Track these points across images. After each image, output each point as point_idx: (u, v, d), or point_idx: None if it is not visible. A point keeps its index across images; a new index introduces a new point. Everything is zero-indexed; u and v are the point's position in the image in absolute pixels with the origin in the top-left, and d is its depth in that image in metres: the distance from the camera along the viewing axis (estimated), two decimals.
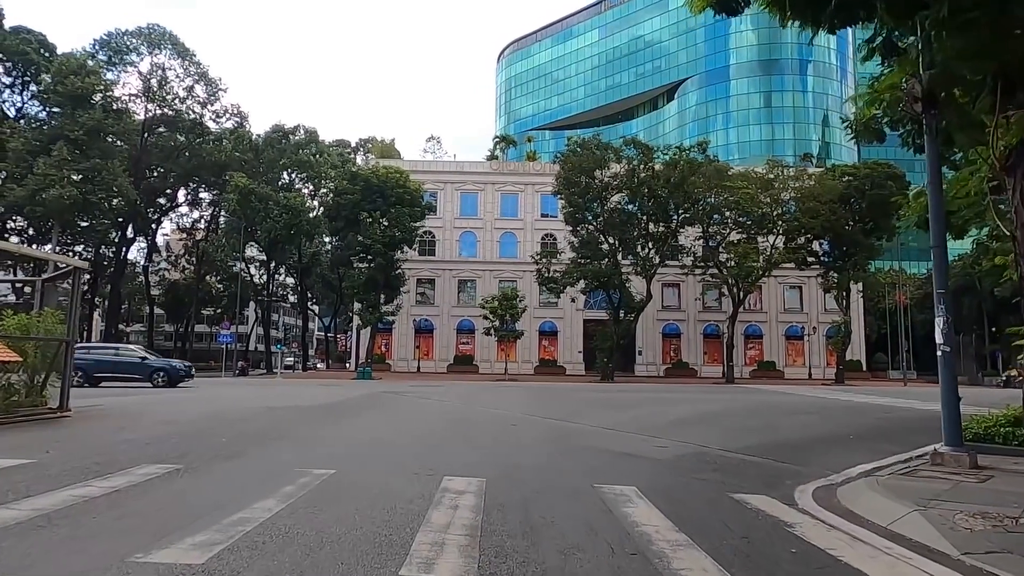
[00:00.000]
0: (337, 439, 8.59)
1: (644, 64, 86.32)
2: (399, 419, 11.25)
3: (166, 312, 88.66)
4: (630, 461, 7.27)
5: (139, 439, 7.74)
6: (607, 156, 43.10)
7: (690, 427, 11.26)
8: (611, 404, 16.48)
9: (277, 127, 55.17)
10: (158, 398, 15.51)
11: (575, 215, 43.39)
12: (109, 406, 12.83)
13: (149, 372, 22.60)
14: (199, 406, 12.80)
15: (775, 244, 45.93)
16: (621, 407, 15.50)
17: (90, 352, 23.28)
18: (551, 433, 9.79)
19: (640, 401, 18.16)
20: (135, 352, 24.72)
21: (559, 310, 55.77)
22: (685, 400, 18.94)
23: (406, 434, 9.45)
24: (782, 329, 57.82)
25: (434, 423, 11.05)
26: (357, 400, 15.97)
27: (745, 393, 25.39)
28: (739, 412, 14.90)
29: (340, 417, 11.15)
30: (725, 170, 44.04)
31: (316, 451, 7.36)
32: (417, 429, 10.06)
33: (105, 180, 47.88)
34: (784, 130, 75.48)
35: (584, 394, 22.04)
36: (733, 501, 5.20)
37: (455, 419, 11.42)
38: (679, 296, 57.50)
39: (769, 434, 10.46)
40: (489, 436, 9.20)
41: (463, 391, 22.48)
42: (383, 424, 10.70)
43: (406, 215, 42.83)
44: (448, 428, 10.23)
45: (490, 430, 9.90)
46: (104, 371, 22.17)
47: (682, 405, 16.61)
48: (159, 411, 11.82)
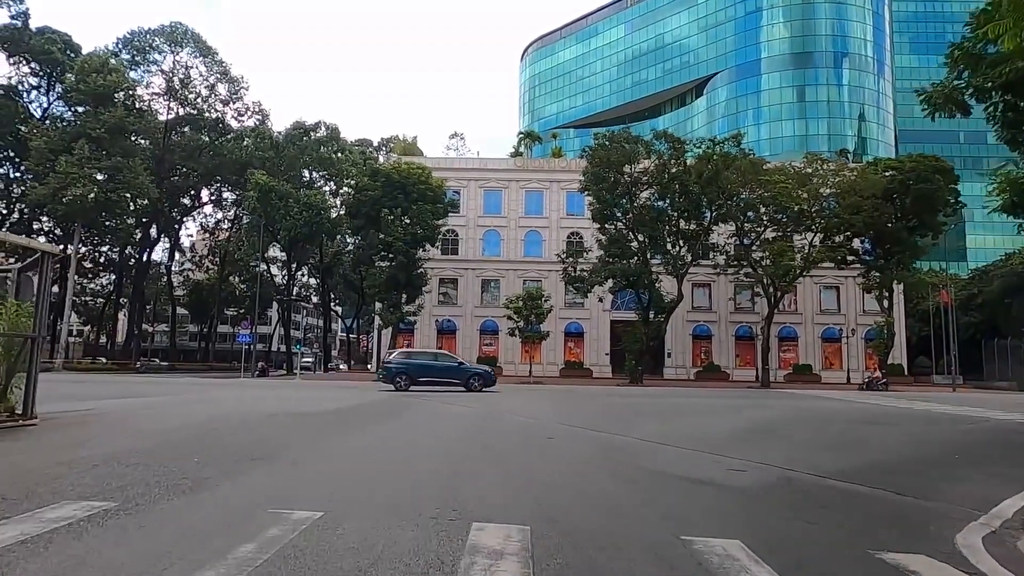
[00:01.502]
0: (338, 458, 7.19)
1: (671, 59, 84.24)
2: (416, 430, 9.75)
3: (190, 312, 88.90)
4: (709, 493, 5.72)
5: (92, 458, 6.33)
6: (637, 150, 41.38)
7: (756, 442, 9.65)
8: (652, 412, 14.87)
9: (298, 124, 54.45)
10: (158, 404, 14.29)
11: (603, 212, 41.74)
12: (101, 411, 11.63)
13: (467, 377, 23.57)
14: (195, 413, 11.50)
15: (812, 242, 43.74)
16: (665, 415, 13.91)
17: (412, 358, 25.22)
18: (596, 449, 8.27)
19: (683, 408, 16.50)
20: (453, 358, 26.53)
21: (585, 311, 54.10)
22: (731, 407, 17.25)
23: (423, 451, 7.89)
24: (818, 331, 55.42)
25: (456, 436, 9.43)
26: (371, 406, 14.58)
27: (791, 399, 23.52)
28: (800, 422, 13.21)
29: (348, 427, 9.76)
30: (761, 164, 41.99)
31: (307, 478, 5.94)
32: (436, 444, 8.55)
33: (127, 179, 47.55)
34: (818, 125, 72.82)
35: (617, 399, 20.44)
36: (886, 566, 3.64)
37: (481, 430, 9.93)
38: (710, 296, 55.44)
39: (854, 452, 8.80)
40: (523, 454, 7.70)
41: (479, 396, 21.03)
42: (397, 437, 9.25)
43: (428, 212, 41.60)
44: (473, 443, 8.72)
45: (523, 445, 8.40)
46: (426, 375, 23.46)
47: (730, 413, 14.95)
48: (146, 420, 10.52)
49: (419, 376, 23.29)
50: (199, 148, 59.41)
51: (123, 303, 72.32)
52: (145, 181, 48.56)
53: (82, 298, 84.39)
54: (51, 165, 46.05)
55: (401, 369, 23.24)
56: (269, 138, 53.40)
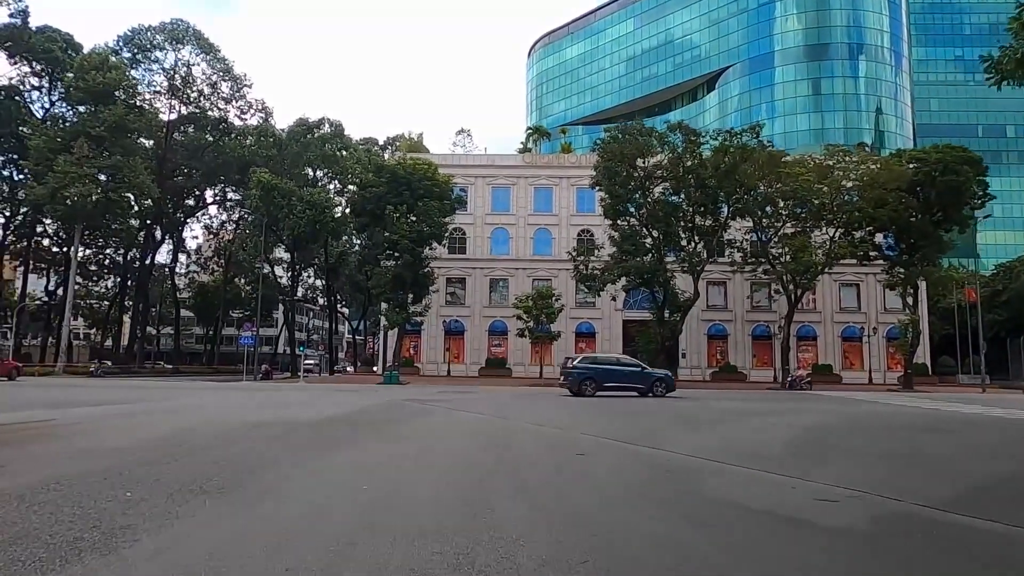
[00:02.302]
0: (318, 489, 5.51)
1: (682, 54, 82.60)
2: (419, 444, 8.25)
3: (196, 315, 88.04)
4: (811, 539, 4.20)
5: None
6: (650, 143, 39.92)
7: (820, 457, 8.16)
8: (683, 418, 13.36)
9: (301, 121, 53.30)
10: (136, 411, 12.91)
11: (615, 207, 40.28)
12: (64, 421, 10.24)
13: (651, 381, 23.36)
14: (170, 423, 10.09)
15: (834, 237, 42.08)
16: (698, 423, 12.41)
17: (597, 363, 24.87)
18: (639, 469, 6.81)
19: (715, 414, 14.97)
20: (635, 362, 26.25)
21: (597, 310, 52.59)
22: (766, 412, 15.70)
23: (425, 475, 6.28)
24: (838, 330, 53.66)
25: (467, 452, 7.76)
26: (372, 412, 13.16)
27: (824, 401, 21.91)
28: (856, 431, 11.70)
29: (339, 441, 8.28)
30: (780, 157, 40.38)
31: (263, 526, 4.26)
32: (442, 463, 7.03)
33: (127, 178, 46.47)
34: (834, 119, 70.93)
35: (638, 403, 18.93)
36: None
37: (496, 443, 8.45)
38: (725, 295, 53.81)
39: (947, 472, 7.29)
40: (555, 476, 6.17)
41: (499, 398, 19.60)
42: (396, 453, 7.53)
43: (435, 209, 40.20)
44: (488, 461, 7.12)
45: (549, 465, 6.92)
46: (612, 380, 23.27)
47: (771, 419, 13.42)
48: (107, 432, 9.01)
49: (605, 381, 23.00)
50: (201, 147, 58.39)
51: (128, 306, 71.38)
52: (146, 180, 47.48)
53: (87, 301, 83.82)
54: (50, 165, 45.05)
55: (588, 374, 22.96)
56: (272, 135, 52.22)
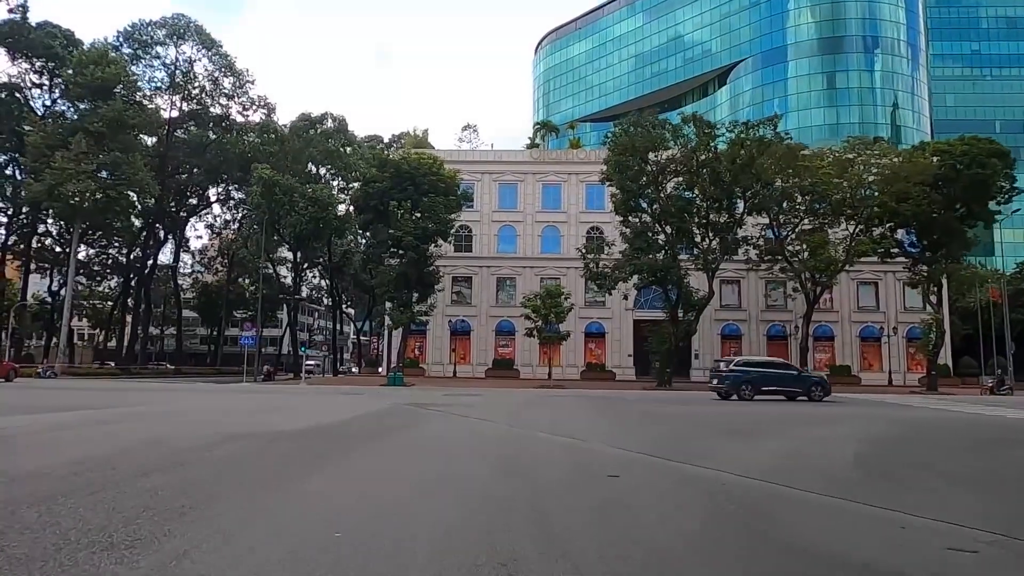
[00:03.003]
0: (254, 552, 3.60)
1: (692, 48, 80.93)
2: (417, 461, 6.91)
3: (200, 315, 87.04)
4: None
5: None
6: (663, 135, 38.45)
7: (907, 479, 6.73)
8: (719, 426, 11.91)
9: (304, 116, 52.06)
10: (107, 417, 11.60)
11: (627, 202, 38.82)
12: (14, 430, 8.93)
13: (808, 385, 23.11)
14: (126, 434, 8.65)
15: (855, 233, 40.50)
16: (739, 431, 10.97)
17: (753, 366, 24.68)
18: (690, 500, 5.35)
19: (752, 420, 13.48)
20: (789, 365, 26.18)
21: (607, 309, 51.17)
22: (810, 419, 14.21)
23: (421, 515, 4.56)
24: (856, 330, 52.06)
25: (475, 477, 6.08)
26: (369, 419, 11.79)
27: (860, 405, 20.40)
28: (923, 442, 10.26)
29: (320, 460, 6.70)
30: (798, 150, 38.79)
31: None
32: (445, 495, 5.25)
33: (126, 174, 45.35)
34: (849, 113, 69.15)
35: (661, 408, 17.50)
36: None
37: (508, 460, 7.04)
38: (739, 294, 52.30)
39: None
40: (585, 517, 4.70)
41: (508, 402, 18.21)
42: (387, 475, 6.10)
43: (440, 205, 38.89)
44: (500, 487, 5.56)
45: (578, 491, 5.48)
46: (769, 384, 23.06)
47: (819, 428, 11.93)
48: (46, 447, 7.59)
49: (763, 385, 22.71)
50: (203, 145, 57.30)
51: (131, 306, 70.38)
52: (146, 177, 46.35)
53: (90, 301, 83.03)
54: (48, 162, 44.02)
55: (746, 378, 22.72)
56: (274, 131, 51.00)
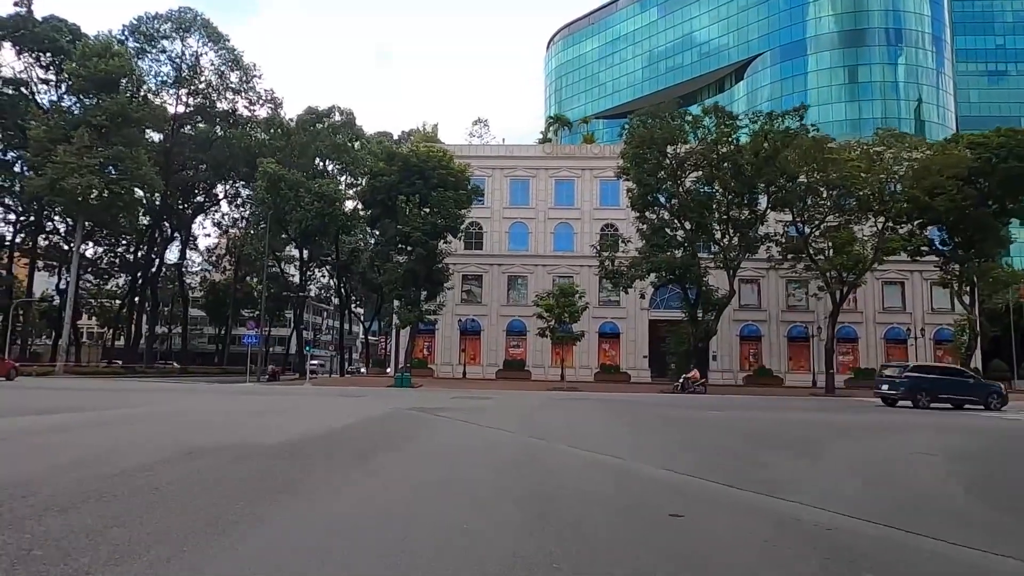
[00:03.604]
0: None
1: (708, 43, 79.02)
2: (411, 496, 5.00)
3: (208, 314, 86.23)
4: None
5: None
6: (683, 127, 36.84)
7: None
8: (765, 437, 10.34)
9: (311, 109, 50.79)
10: (67, 423, 10.23)
11: (644, 197, 37.21)
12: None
13: (986, 394, 22.70)
14: (85, 442, 7.32)
15: (883, 229, 38.65)
16: (790, 444, 9.43)
17: (927, 372, 24.03)
18: (781, 555, 3.88)
19: (801, 431, 11.89)
20: (961, 371, 25.36)
21: (621, 309, 49.55)
22: (866, 429, 12.62)
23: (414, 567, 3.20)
24: (881, 331, 50.10)
25: (492, 517, 4.43)
26: (367, 427, 10.33)
27: (913, 415, 18.70)
28: (1020, 456, 8.64)
29: (288, 490, 4.93)
30: (825, 142, 37.00)
31: None
32: (448, 553, 3.57)
33: (129, 169, 44.31)
34: (872, 108, 67.00)
35: (692, 413, 15.93)
36: None
37: (533, 492, 5.35)
38: (759, 293, 50.49)
39: None
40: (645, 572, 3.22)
41: (522, 407, 16.72)
42: (368, 521, 4.26)
43: (450, 200, 37.45)
44: (529, 543, 3.75)
45: (640, 546, 3.95)
46: (946, 392, 22.54)
47: (880, 439, 10.37)
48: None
49: (939, 392, 22.21)
50: (210, 140, 56.30)
51: (139, 304, 69.53)
52: (150, 172, 45.30)
53: (98, 300, 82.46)
54: (50, 156, 43.08)
55: (922, 385, 22.20)
56: (280, 125, 49.79)
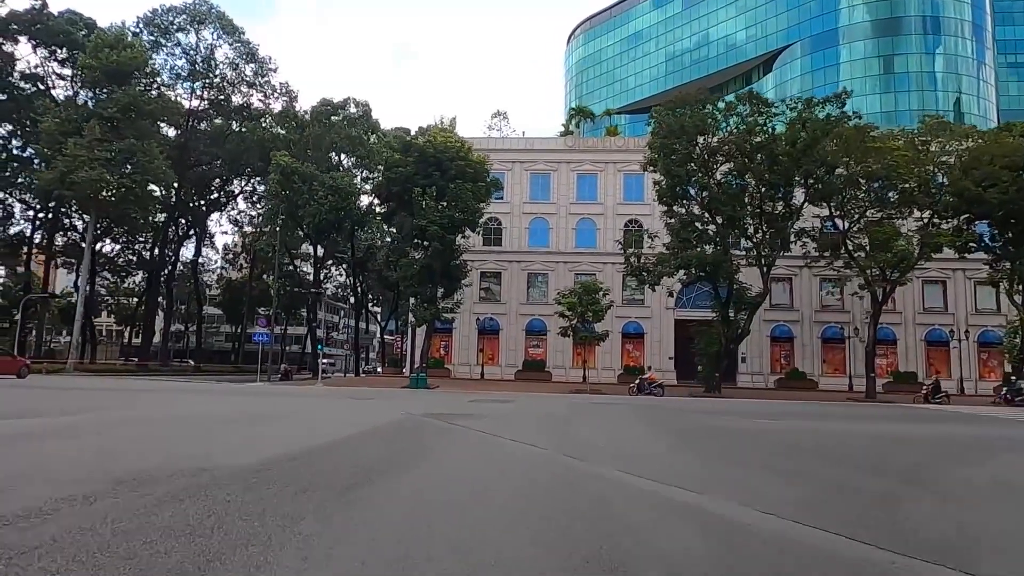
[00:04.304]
0: None
1: (735, 34, 76.38)
2: (420, 552, 3.45)
3: (224, 312, 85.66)
4: None
5: None
6: (715, 115, 34.75)
7: None
8: (859, 460, 8.39)
9: (325, 101, 49.41)
10: (31, 430, 8.71)
11: (673, 189, 35.15)
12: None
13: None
14: (26, 455, 5.77)
15: (928, 224, 36.26)
16: (911, 473, 7.52)
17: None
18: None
19: (900, 451, 9.94)
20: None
21: (646, 308, 47.54)
22: (945, 441, 10.66)
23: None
24: (921, 333, 47.49)
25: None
26: (367, 440, 8.58)
27: (970, 422, 16.60)
28: None
29: (232, 551, 3.26)
30: (867, 131, 34.71)
31: None
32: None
33: (141, 162, 43.28)
34: (908, 99, 64.04)
35: (732, 420, 14.04)
36: None
37: (587, 541, 3.72)
38: (791, 292, 48.15)
39: None
40: None
41: (547, 413, 14.94)
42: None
43: (468, 192, 35.78)
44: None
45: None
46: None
47: (997, 459, 8.41)
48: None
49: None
50: (224, 135, 55.31)
51: (159, 302, 68.92)
52: (161, 165, 44.25)
53: (115, 297, 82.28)
54: (61, 149, 42.25)
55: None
56: (294, 117, 48.48)
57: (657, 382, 31.94)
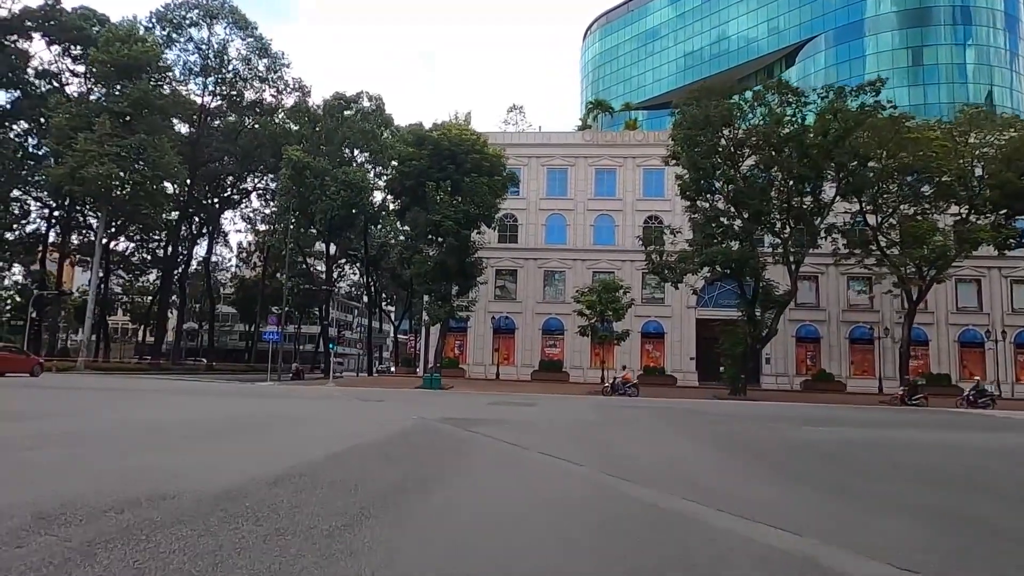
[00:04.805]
0: None
1: (756, 27, 74.48)
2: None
3: (238, 311, 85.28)
4: None
5: None
6: (742, 105, 33.25)
7: None
8: (977, 486, 7.07)
9: (338, 95, 48.40)
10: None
11: (698, 183, 33.70)
12: None
13: None
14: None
15: (966, 218, 34.53)
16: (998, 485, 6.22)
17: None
18: None
19: (998, 462, 8.63)
20: None
21: (666, 307, 46.06)
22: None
23: None
24: (954, 334, 45.54)
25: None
26: (367, 457, 7.27)
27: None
28: None
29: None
30: (903, 121, 33.06)
31: None
32: None
33: (151, 157, 42.57)
34: (937, 92, 61.89)
35: (779, 427, 12.68)
36: None
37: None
38: (817, 291, 46.42)
39: None
40: None
41: (575, 419, 13.68)
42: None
43: (484, 187, 34.59)
44: None
45: None
46: None
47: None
48: None
49: None
50: (237, 131, 54.61)
51: (173, 301, 68.49)
52: (172, 161, 43.52)
53: (130, 296, 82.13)
54: (71, 144, 41.65)
55: None
56: (306, 112, 47.58)
57: (631, 382, 30.80)
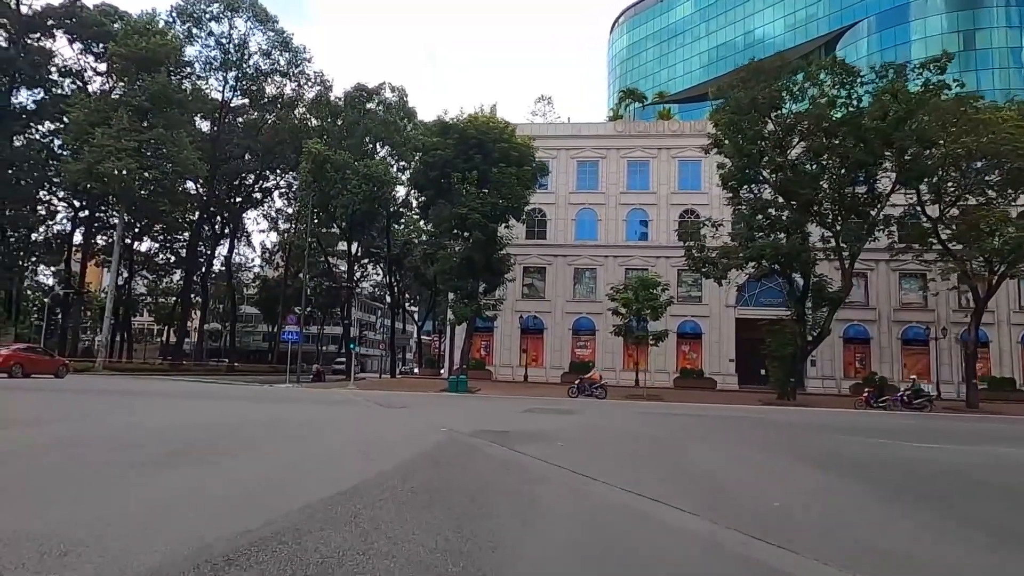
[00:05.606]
0: None
1: (794, 13, 71.35)
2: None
3: (261, 312, 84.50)
4: None
5: None
6: (792, 87, 30.71)
7: None
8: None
9: (360, 86, 46.86)
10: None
11: (743, 171, 31.25)
12: None
13: None
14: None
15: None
16: None
17: None
18: None
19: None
20: None
21: (703, 306, 43.60)
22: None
23: None
24: (1017, 334, 42.30)
25: None
26: (393, 494, 5.37)
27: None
28: None
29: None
30: (970, 102, 30.25)
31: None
32: None
33: (170, 152, 41.44)
34: (991, 78, 58.30)
35: (869, 441, 10.41)
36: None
37: None
38: (866, 288, 43.55)
39: None
40: None
41: (627, 430, 11.58)
42: None
43: (513, 178, 32.57)
44: None
45: None
46: None
47: None
48: None
49: None
50: (258, 127, 53.45)
51: (196, 301, 67.75)
52: (192, 156, 42.34)
53: (154, 296, 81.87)
54: (88, 139, 40.73)
55: None
56: (328, 105, 46.06)
57: (599, 383, 28.44)
